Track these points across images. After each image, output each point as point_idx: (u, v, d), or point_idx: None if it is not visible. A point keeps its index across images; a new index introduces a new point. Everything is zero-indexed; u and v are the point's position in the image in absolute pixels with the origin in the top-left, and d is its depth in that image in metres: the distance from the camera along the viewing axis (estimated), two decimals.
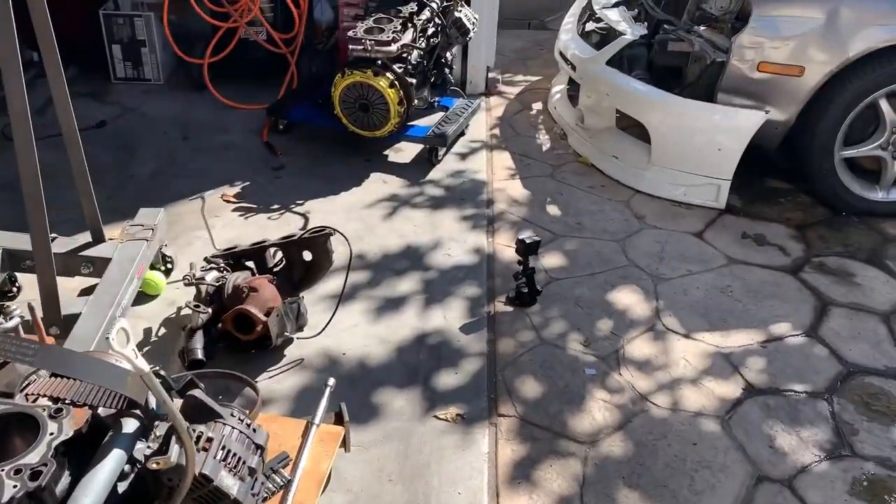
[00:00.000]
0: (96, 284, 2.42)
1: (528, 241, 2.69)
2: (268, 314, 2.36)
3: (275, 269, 2.61)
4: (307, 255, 2.56)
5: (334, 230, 2.51)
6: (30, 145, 2.01)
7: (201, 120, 4.08)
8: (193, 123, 4.04)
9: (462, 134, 3.98)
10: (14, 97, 1.96)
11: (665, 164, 3.50)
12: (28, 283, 2.61)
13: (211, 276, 2.51)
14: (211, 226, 3.17)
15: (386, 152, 3.83)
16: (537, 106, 4.46)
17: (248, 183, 3.50)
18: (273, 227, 3.18)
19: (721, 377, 2.48)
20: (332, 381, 2.03)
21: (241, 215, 3.26)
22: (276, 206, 3.32)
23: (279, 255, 2.63)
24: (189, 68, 4.29)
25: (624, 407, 2.35)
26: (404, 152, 3.84)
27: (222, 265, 2.59)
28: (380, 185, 3.55)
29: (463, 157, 3.85)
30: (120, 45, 4.29)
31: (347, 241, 2.55)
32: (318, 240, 2.50)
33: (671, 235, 3.26)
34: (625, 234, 3.25)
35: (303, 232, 2.54)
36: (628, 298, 2.85)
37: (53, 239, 2.60)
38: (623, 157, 3.68)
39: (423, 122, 3.88)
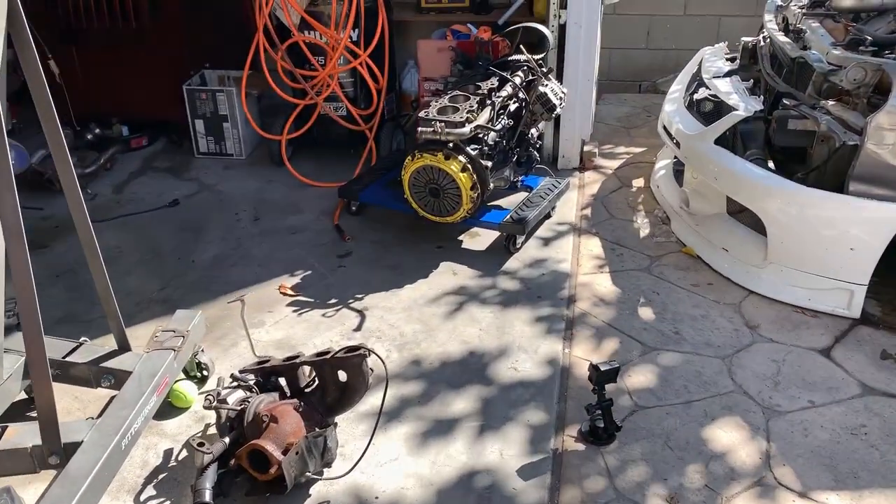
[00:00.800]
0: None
1: (603, 369, 2.25)
2: (287, 451, 2.04)
3: (307, 389, 2.31)
4: (342, 376, 2.24)
5: (370, 350, 2.17)
6: (25, 261, 1.81)
7: (275, 198, 3.91)
8: (267, 202, 3.88)
9: (548, 216, 3.58)
10: (7, 212, 1.77)
11: (785, 263, 2.95)
12: (60, 390, 2.41)
13: (234, 398, 2.23)
14: (261, 322, 2.93)
15: (461, 237, 3.49)
16: (638, 183, 3.99)
17: (308, 272, 3.25)
18: (325, 325, 2.89)
19: None
20: None
21: (294, 310, 3.00)
22: (333, 301, 3.04)
23: (314, 372, 2.32)
24: (269, 143, 4.17)
25: None
26: (481, 237, 3.48)
27: (251, 381, 2.32)
28: (448, 276, 3.20)
29: (546, 242, 3.44)
30: (202, 119, 4.24)
31: (384, 363, 2.21)
32: (353, 361, 2.18)
33: (790, 352, 2.69)
34: (733, 349, 2.72)
35: (337, 350, 2.22)
36: (731, 437, 2.33)
37: (80, 344, 2.44)
38: (735, 251, 3.15)
39: (503, 203, 3.52)
